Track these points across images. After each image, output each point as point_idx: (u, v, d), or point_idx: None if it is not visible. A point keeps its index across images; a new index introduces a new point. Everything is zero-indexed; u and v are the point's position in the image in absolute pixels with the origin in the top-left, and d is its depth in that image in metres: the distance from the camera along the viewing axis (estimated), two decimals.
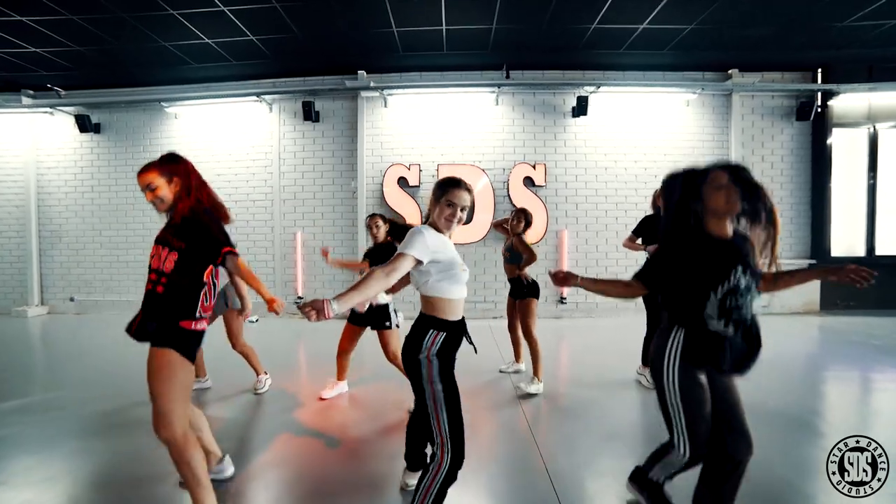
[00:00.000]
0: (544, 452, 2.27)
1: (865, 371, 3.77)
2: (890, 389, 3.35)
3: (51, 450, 2.39)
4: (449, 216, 1.61)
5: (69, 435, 2.57)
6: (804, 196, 5.96)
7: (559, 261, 5.96)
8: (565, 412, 2.86)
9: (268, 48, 5.26)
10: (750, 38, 5.02)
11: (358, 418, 2.81)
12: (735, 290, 1.43)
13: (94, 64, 5.62)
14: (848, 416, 2.85)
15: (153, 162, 1.77)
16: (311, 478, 2.10)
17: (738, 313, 1.44)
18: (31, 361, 4.41)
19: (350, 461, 2.25)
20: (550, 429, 2.65)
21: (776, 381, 3.28)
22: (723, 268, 1.45)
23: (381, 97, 5.88)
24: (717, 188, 1.47)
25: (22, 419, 2.78)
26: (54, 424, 2.70)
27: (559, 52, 5.43)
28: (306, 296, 6.16)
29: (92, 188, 6.42)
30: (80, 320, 6.09)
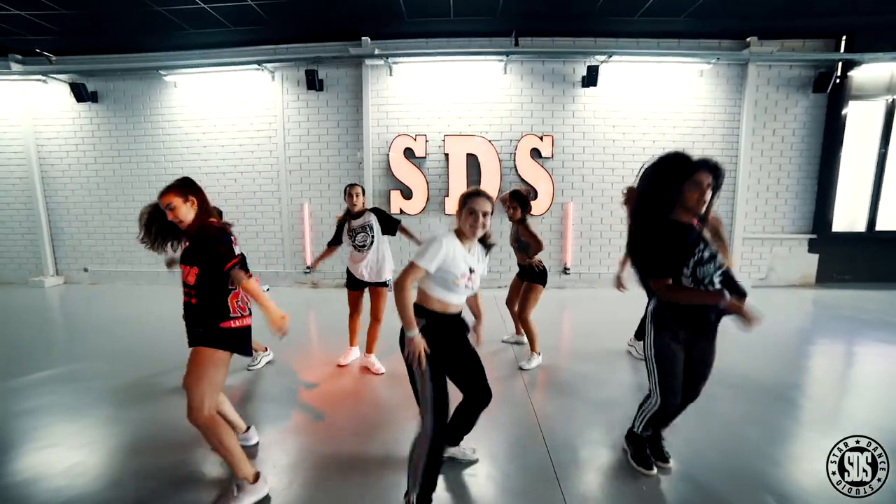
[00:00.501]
0: (541, 418, 2.48)
1: (849, 345, 3.94)
2: (869, 362, 3.55)
3: (88, 417, 2.61)
4: (473, 223, 1.72)
5: (102, 403, 2.78)
6: (812, 171, 5.93)
7: (564, 232, 6.04)
8: (562, 381, 3.04)
9: (266, 13, 5.04)
10: (769, 4, 4.80)
11: (372, 383, 3.05)
12: (701, 261, 1.69)
13: (83, 29, 5.40)
14: (824, 389, 3.01)
15: (170, 184, 1.89)
16: (329, 443, 2.30)
17: (709, 281, 1.71)
18: (62, 331, 4.61)
19: (365, 426, 2.44)
20: (547, 397, 2.84)
21: (761, 352, 3.49)
22: (691, 246, 1.69)
23: (387, 65, 5.70)
24: (696, 185, 1.65)
25: (56, 389, 2.97)
26: (88, 394, 2.90)
27: (571, 19, 5.21)
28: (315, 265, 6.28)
29: (95, 159, 6.36)
30: (96, 290, 6.26)
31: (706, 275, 1.71)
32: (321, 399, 2.86)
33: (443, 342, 1.75)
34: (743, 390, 2.86)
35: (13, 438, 2.39)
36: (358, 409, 2.70)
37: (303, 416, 2.63)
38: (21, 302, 5.57)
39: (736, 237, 6.02)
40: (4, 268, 6.68)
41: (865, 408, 2.72)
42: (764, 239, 6.13)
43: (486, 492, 1.94)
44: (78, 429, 2.49)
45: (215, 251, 1.83)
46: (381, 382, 3.08)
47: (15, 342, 4.03)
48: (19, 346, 3.89)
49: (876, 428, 2.32)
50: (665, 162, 1.71)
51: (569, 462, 2.11)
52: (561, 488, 1.92)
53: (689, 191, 1.67)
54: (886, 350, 3.71)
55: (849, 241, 6.02)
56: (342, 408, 2.73)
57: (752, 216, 6.08)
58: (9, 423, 2.55)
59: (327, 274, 6.28)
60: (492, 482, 1.99)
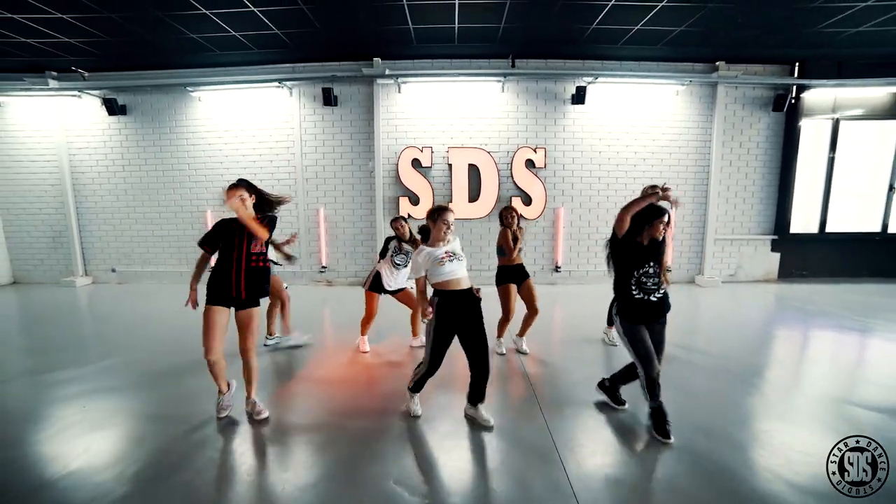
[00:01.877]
0: (535, 382, 3.13)
1: (804, 331, 4.60)
2: (819, 346, 4.24)
3: (133, 399, 3.06)
4: (445, 232, 2.56)
5: (139, 385, 3.25)
6: (773, 179, 6.70)
7: (555, 234, 6.71)
8: (552, 359, 3.70)
9: (290, 39, 5.61)
10: (734, 38, 5.53)
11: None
12: (646, 273, 2.45)
13: (120, 51, 5.91)
14: (782, 367, 3.67)
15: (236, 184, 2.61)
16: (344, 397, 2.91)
17: (648, 287, 2.45)
18: (99, 328, 5.05)
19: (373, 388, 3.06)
20: (540, 370, 3.49)
21: (732, 337, 4.20)
22: (641, 260, 2.45)
23: (396, 84, 6.31)
24: (659, 224, 2.41)
25: (104, 375, 3.43)
26: (125, 376, 3.39)
27: (562, 44, 5.87)
28: (329, 265, 6.88)
29: (123, 167, 6.86)
30: (123, 289, 6.75)
31: (647, 285, 2.45)
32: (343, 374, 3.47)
33: (450, 313, 2.52)
34: (714, 368, 3.51)
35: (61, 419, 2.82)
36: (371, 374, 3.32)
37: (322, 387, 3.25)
38: (53, 301, 6.00)
39: (708, 238, 6.76)
40: (37, 269, 7.15)
41: (816, 380, 3.38)
42: (733, 239, 6.89)
43: (493, 439, 2.57)
44: (123, 405, 2.95)
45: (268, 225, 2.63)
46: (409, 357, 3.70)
47: (53, 337, 4.41)
48: (57, 341, 4.29)
49: (826, 395, 3.00)
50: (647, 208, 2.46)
51: (558, 417, 2.76)
52: (549, 429, 2.57)
53: (656, 225, 2.42)
54: (834, 335, 4.39)
55: (804, 241, 6.81)
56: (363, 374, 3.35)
57: (723, 219, 6.83)
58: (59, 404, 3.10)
59: (341, 273, 6.88)
60: (498, 429, 2.63)
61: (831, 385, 3.24)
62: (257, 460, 2.34)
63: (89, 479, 2.14)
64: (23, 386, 3.26)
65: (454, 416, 2.75)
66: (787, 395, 3.08)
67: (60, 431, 2.59)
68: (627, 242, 2.47)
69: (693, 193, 6.73)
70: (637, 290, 2.47)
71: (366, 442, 2.47)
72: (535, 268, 6.75)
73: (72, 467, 2.23)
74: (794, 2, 4.60)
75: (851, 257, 6.91)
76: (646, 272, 2.44)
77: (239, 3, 4.60)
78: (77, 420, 2.72)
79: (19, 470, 2.23)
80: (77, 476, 2.17)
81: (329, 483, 2.12)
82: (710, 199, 6.66)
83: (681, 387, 3.10)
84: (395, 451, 2.38)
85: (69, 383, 3.26)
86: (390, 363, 3.70)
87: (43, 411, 2.84)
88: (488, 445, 2.45)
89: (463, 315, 2.54)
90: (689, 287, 6.66)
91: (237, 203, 2.46)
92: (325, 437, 2.52)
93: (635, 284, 2.47)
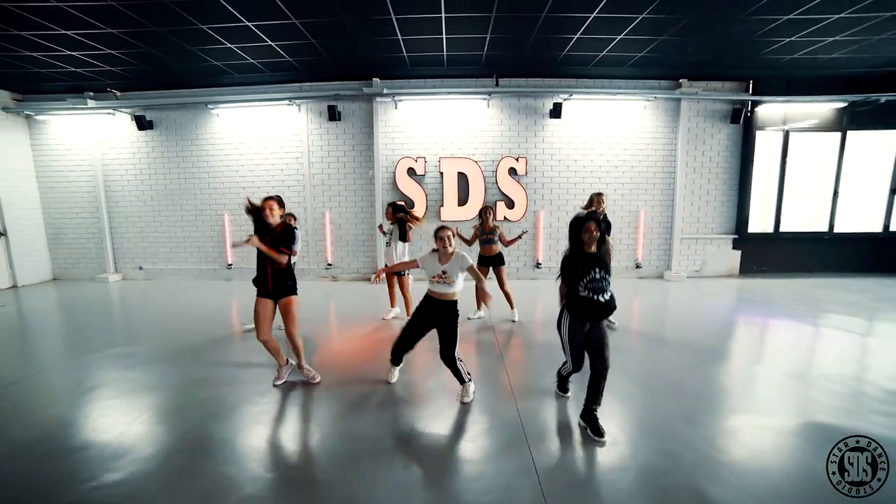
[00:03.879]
0: (509, 370, 3.89)
1: (762, 320, 5.19)
2: (775, 333, 4.82)
3: (165, 374, 3.95)
4: (441, 246, 3.10)
5: (173, 361, 4.11)
6: (733, 183, 7.44)
7: (536, 234, 7.48)
8: (530, 342, 4.47)
9: (300, 65, 6.40)
10: (689, 61, 6.27)
11: None
12: (593, 279, 2.80)
13: (150, 75, 6.73)
14: (743, 352, 4.31)
15: (275, 196, 3.37)
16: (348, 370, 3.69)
17: (594, 290, 2.79)
18: (137, 315, 5.85)
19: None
20: (515, 355, 4.25)
21: (698, 326, 4.90)
22: (587, 268, 2.82)
23: (393, 101, 7.10)
24: (586, 230, 2.81)
25: (153, 350, 4.30)
26: (169, 350, 4.24)
27: (540, 65, 6.62)
28: (334, 263, 7.68)
29: (149, 176, 7.69)
30: (150, 284, 7.58)
31: (597, 288, 2.64)
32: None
33: (425, 311, 3.18)
34: (683, 353, 4.07)
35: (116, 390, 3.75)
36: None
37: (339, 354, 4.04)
38: (91, 295, 6.83)
39: (675, 237, 7.50)
40: (74, 266, 8.00)
41: (772, 363, 3.85)
42: (698, 238, 7.63)
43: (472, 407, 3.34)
44: (155, 377, 3.75)
45: (288, 238, 3.32)
46: None
47: (100, 323, 5.28)
48: (105, 326, 5.19)
49: (782, 373, 3.55)
50: (575, 220, 2.83)
51: (528, 401, 3.54)
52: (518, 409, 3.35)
53: (585, 233, 2.66)
54: (787, 324, 5.02)
55: (762, 240, 7.55)
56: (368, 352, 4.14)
57: (688, 220, 7.57)
58: (113, 377, 3.91)
59: (344, 269, 7.68)
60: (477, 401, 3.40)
61: (781, 367, 3.71)
62: (288, 415, 3.13)
63: (168, 418, 2.94)
64: (99, 359, 4.06)
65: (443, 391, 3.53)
66: (743, 377, 3.54)
67: (134, 391, 3.42)
68: (574, 259, 2.70)
69: (661, 197, 7.47)
70: (585, 291, 2.65)
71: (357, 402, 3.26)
72: (518, 264, 7.52)
73: (145, 415, 3.04)
74: (735, 35, 5.35)
75: (804, 254, 7.65)
76: (592, 278, 2.64)
77: (260, 38, 5.39)
78: (151, 383, 3.53)
79: (115, 408, 3.04)
80: (153, 414, 2.98)
81: (327, 435, 2.92)
82: (677, 202, 7.40)
83: (648, 371, 3.70)
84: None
85: (131, 357, 4.08)
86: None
87: (118, 377, 3.66)
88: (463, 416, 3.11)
89: (437, 317, 3.15)
90: (658, 282, 7.41)
91: (256, 241, 3.22)
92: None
93: (585, 289, 2.65)
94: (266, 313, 3.36)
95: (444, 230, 3.11)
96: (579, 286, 2.68)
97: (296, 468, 2.41)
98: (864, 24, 5.00)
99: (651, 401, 3.12)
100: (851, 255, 7.69)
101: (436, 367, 3.59)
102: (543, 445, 2.58)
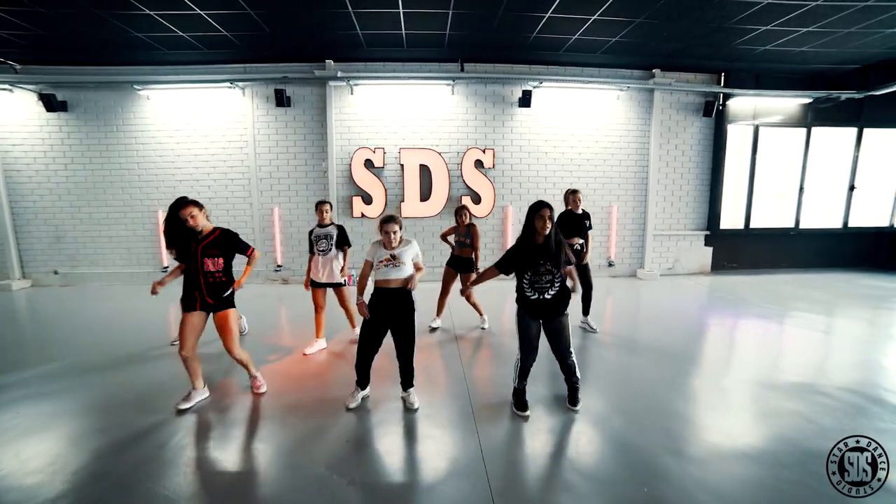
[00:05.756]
0: (471, 386, 3.39)
1: (733, 319, 5.03)
2: (745, 330, 4.68)
3: (74, 402, 3.23)
4: (387, 241, 2.79)
5: (84, 387, 3.40)
6: (705, 179, 7.26)
7: (504, 231, 7.02)
8: (497, 350, 3.99)
9: (240, 41, 5.61)
10: (664, 49, 5.96)
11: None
12: (536, 273, 2.54)
13: (58, 46, 5.74)
14: (714, 351, 4.10)
15: (186, 200, 2.85)
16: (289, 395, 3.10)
17: (538, 289, 2.56)
18: (40, 331, 4.98)
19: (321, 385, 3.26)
20: (480, 364, 3.76)
21: (671, 324, 4.63)
22: (533, 261, 2.55)
23: (348, 86, 6.42)
24: (540, 217, 2.52)
25: (45, 380, 3.55)
26: (66, 380, 3.50)
27: (508, 49, 6.13)
28: (284, 264, 6.93)
29: (65, 166, 6.65)
30: (68, 292, 6.55)
31: (540, 287, 2.55)
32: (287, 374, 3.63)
33: (379, 309, 2.76)
34: (661, 364, 3.79)
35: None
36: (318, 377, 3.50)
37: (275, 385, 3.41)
38: None
39: (648, 234, 7.25)
40: None
41: (744, 361, 3.77)
42: (670, 235, 7.41)
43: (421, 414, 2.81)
44: (56, 412, 3.10)
45: (240, 243, 2.98)
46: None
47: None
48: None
49: (754, 374, 3.40)
50: (533, 206, 2.59)
51: (482, 404, 3.03)
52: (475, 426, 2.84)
53: (536, 219, 2.53)
54: (755, 322, 4.87)
55: (733, 236, 7.42)
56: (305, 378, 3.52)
57: (661, 216, 7.33)
58: None
59: (296, 271, 6.95)
60: None
61: (749, 369, 3.56)
62: (198, 450, 2.48)
63: (18, 483, 2.21)
64: None
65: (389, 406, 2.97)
66: (713, 378, 3.39)
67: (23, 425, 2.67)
68: (521, 248, 2.59)
69: (634, 192, 7.19)
70: (530, 289, 2.57)
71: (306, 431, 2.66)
72: (486, 264, 7.01)
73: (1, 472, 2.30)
74: (709, 21, 5.04)
75: (772, 250, 7.60)
76: (536, 271, 2.53)
77: (183, 4, 4.60)
78: (11, 426, 2.76)
79: None
80: (6, 480, 2.24)
81: (270, 467, 2.30)
82: (650, 198, 7.14)
83: (618, 370, 3.47)
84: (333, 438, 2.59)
85: (7, 388, 3.26)
86: (334, 355, 3.89)
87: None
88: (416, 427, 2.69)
89: (391, 310, 2.75)
90: (631, 280, 7.14)
91: (242, 282, 3.06)
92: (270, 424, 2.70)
93: (529, 285, 2.57)
94: (194, 327, 2.83)
95: (392, 224, 2.77)
96: (524, 281, 2.61)
97: None
98: (839, 14, 4.81)
99: (631, 427, 2.67)
100: (814, 251, 7.71)
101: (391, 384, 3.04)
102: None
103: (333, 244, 3.95)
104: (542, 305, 2.59)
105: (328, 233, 3.96)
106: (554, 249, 2.56)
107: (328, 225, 4.02)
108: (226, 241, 2.89)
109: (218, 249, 2.84)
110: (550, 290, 2.56)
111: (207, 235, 2.85)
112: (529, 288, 2.58)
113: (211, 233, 2.86)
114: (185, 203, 2.80)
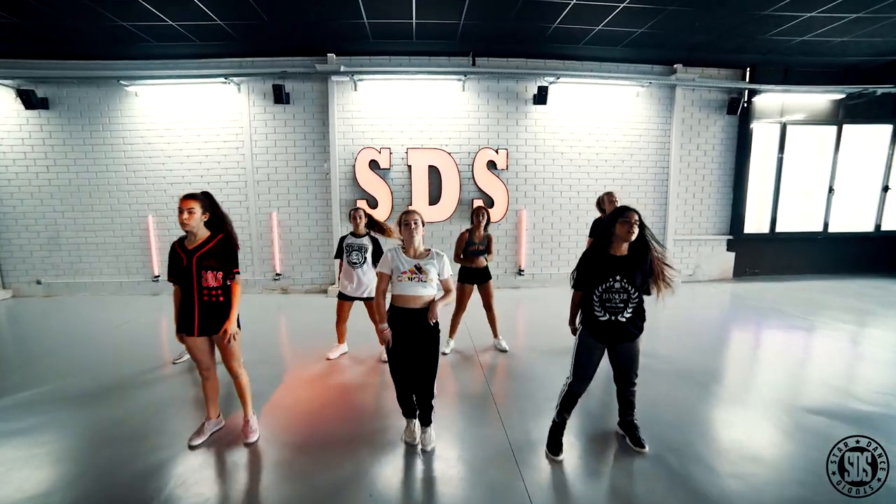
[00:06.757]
0: (499, 402, 2.97)
1: (756, 329, 4.74)
2: (770, 343, 4.37)
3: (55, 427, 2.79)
4: (407, 234, 2.35)
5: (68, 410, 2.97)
6: (728, 180, 6.88)
7: (518, 237, 6.61)
8: (515, 365, 3.57)
9: (235, 31, 5.18)
10: (690, 41, 5.57)
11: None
12: (609, 290, 2.17)
13: (37, 37, 5.29)
14: (738, 365, 3.75)
15: (195, 194, 2.42)
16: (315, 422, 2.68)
17: (612, 306, 2.19)
18: (18, 349, 4.54)
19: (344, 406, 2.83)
20: (505, 383, 3.35)
21: (693, 338, 4.23)
22: (604, 275, 2.18)
23: (352, 81, 5.99)
24: (626, 222, 2.13)
25: (20, 412, 3.11)
26: (45, 413, 3.07)
27: (524, 42, 5.73)
28: (284, 272, 6.49)
29: (48, 168, 6.18)
30: (51, 303, 6.09)
31: (613, 307, 2.18)
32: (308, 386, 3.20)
33: (401, 332, 2.31)
34: (676, 366, 3.53)
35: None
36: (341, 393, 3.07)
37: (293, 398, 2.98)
38: None
39: (669, 239, 6.86)
40: None
41: (768, 378, 3.44)
42: (691, 240, 7.02)
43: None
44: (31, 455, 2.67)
45: (235, 257, 2.44)
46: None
47: None
48: None
49: (776, 397, 3.03)
50: (614, 209, 2.23)
51: (523, 442, 2.61)
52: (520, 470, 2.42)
53: (620, 224, 2.15)
54: (781, 334, 4.55)
55: (757, 240, 7.04)
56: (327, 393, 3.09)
57: (682, 220, 6.95)
58: None
59: (296, 280, 6.51)
60: None
61: (783, 389, 3.26)
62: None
63: None
64: None
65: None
66: (743, 397, 3.09)
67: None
68: (594, 256, 2.25)
69: (654, 195, 6.80)
70: (599, 308, 2.21)
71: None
72: (499, 271, 6.63)
73: None
74: (747, 9, 4.66)
75: (797, 256, 7.22)
76: (609, 288, 2.17)
77: None
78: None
79: None
80: None
81: None
82: (670, 200, 6.75)
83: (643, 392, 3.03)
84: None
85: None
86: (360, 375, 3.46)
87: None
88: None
89: (412, 335, 2.31)
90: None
91: (233, 328, 2.41)
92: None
93: (598, 303, 2.21)
94: (203, 350, 2.46)
95: (413, 213, 2.38)
96: (594, 297, 2.22)
97: None
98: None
99: (700, 468, 2.26)
100: (842, 256, 7.33)
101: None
102: None
103: (368, 257, 3.59)
104: (614, 328, 2.23)
105: (362, 245, 3.59)
106: (636, 263, 2.18)
107: (363, 235, 3.64)
108: (223, 251, 2.40)
109: (216, 261, 2.38)
110: (626, 312, 2.19)
111: (204, 243, 2.38)
112: (599, 307, 2.21)
113: (208, 240, 2.40)
114: (191, 195, 2.39)
